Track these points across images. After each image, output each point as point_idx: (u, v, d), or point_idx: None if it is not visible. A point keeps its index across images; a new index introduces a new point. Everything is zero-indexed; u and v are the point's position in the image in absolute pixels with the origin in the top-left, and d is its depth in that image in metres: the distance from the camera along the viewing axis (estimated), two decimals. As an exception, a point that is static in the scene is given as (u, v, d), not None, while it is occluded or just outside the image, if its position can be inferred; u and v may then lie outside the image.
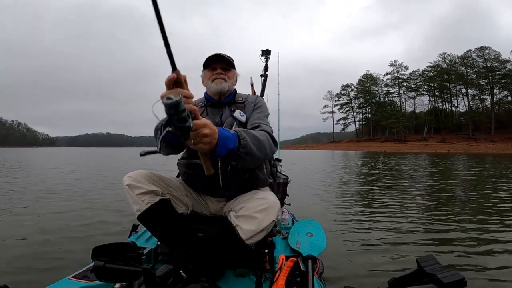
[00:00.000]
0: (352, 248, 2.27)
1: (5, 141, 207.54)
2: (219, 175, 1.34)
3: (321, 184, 6.10)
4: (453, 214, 3.36)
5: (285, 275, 1.10)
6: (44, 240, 2.47)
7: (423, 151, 42.85)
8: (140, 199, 1.17)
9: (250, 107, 1.45)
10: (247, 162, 1.04)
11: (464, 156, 25.31)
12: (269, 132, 1.21)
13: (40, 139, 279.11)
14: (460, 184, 6.06)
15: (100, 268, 0.84)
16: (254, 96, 1.54)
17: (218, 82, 1.40)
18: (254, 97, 1.53)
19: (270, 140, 1.16)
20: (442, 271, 0.59)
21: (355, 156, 23.57)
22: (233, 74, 1.48)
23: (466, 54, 66.95)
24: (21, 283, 1.71)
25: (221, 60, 1.42)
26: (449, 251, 2.19)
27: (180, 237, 1.20)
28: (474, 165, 12.34)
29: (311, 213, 3.41)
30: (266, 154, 1.13)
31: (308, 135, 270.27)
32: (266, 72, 2.74)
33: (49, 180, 6.69)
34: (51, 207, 3.77)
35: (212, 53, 1.45)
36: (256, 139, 1.06)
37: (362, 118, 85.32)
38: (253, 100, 1.49)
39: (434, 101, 72.55)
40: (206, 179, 1.31)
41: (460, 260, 2.03)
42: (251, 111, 1.43)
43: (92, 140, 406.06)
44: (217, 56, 1.42)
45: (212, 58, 1.42)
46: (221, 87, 1.40)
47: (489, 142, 54.27)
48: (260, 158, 1.10)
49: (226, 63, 1.44)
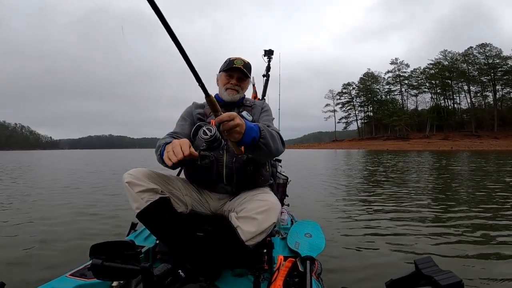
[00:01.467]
0: (350, 249, 2.26)
1: (8, 143, 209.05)
2: (224, 168, 1.35)
3: (321, 184, 6.10)
4: (453, 215, 3.34)
5: (283, 275, 1.10)
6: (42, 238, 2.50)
7: (426, 149, 42.75)
8: (139, 197, 1.17)
9: (258, 110, 1.54)
10: (263, 153, 1.13)
11: (467, 153, 25.19)
12: (279, 132, 1.31)
13: (43, 141, 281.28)
14: (462, 184, 6.02)
15: (98, 266, 0.83)
16: (261, 101, 1.64)
17: (230, 93, 1.48)
18: (261, 102, 1.63)
19: (280, 138, 1.27)
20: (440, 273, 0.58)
21: (357, 155, 23.53)
22: (247, 83, 1.55)
23: (467, 51, 66.79)
24: (18, 280, 1.71)
25: (240, 70, 1.48)
26: (447, 253, 2.18)
27: (179, 236, 1.20)
28: (477, 162, 12.28)
29: (311, 214, 3.41)
30: (277, 150, 1.21)
31: (310, 135, 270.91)
32: (269, 72, 2.74)
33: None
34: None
35: (234, 57, 1.50)
36: (271, 134, 1.16)
37: (364, 116, 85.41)
38: (260, 104, 1.58)
39: (436, 99, 72.43)
40: (209, 174, 1.35)
41: (458, 262, 2.02)
42: (259, 114, 1.53)
43: (95, 142, 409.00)
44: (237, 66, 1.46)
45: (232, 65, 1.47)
46: (232, 98, 1.49)
47: (492, 139, 54.03)
48: (273, 152, 1.18)
49: (244, 74, 1.49)
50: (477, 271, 1.86)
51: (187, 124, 1.48)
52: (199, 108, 1.53)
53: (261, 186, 1.45)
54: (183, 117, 1.53)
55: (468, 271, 1.86)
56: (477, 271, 1.86)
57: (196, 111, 1.51)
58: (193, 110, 1.53)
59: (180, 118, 1.53)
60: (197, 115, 1.49)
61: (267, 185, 1.51)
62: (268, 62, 2.77)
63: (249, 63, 1.53)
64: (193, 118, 1.50)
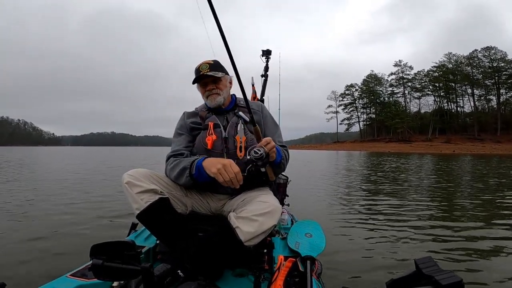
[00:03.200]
0: (350, 249, 2.26)
1: (11, 139, 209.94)
2: None
3: (322, 184, 6.08)
4: (453, 215, 3.33)
5: (283, 275, 1.09)
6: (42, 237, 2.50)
7: (427, 152, 42.59)
8: (139, 198, 1.16)
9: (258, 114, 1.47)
10: (279, 169, 1.37)
11: (469, 157, 25.08)
12: (287, 150, 1.46)
13: (46, 138, 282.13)
14: (462, 186, 6.00)
15: (98, 266, 0.82)
16: (257, 103, 1.55)
17: (212, 98, 1.42)
18: (258, 104, 1.54)
19: (288, 156, 1.45)
20: (440, 273, 0.58)
21: (359, 157, 23.47)
22: (225, 82, 1.45)
23: (472, 54, 66.48)
24: (19, 280, 1.72)
25: (208, 75, 1.39)
26: (448, 253, 2.17)
27: (179, 236, 1.19)
28: (479, 166, 12.21)
29: (311, 214, 3.40)
30: (285, 167, 1.42)
31: (312, 135, 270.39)
32: (267, 72, 2.73)
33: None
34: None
35: (199, 63, 1.42)
36: (286, 156, 1.39)
37: (366, 118, 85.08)
38: (257, 107, 1.51)
39: (440, 101, 72.11)
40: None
41: (458, 262, 2.01)
42: (261, 119, 1.47)
43: (97, 139, 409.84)
44: (203, 74, 1.38)
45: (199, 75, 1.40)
46: (216, 102, 1.42)
47: (495, 143, 53.74)
48: (283, 169, 1.41)
49: (214, 77, 1.41)
50: (478, 271, 1.86)
51: (183, 138, 1.45)
52: (192, 117, 1.49)
53: (261, 186, 1.44)
54: (178, 133, 1.48)
55: (469, 271, 1.86)
56: (478, 271, 1.86)
57: (189, 121, 1.47)
58: (185, 121, 1.49)
59: (175, 134, 1.49)
60: (190, 125, 1.46)
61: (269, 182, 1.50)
62: (266, 62, 2.75)
63: (215, 61, 1.44)
64: (187, 129, 1.47)
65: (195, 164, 1.23)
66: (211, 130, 1.39)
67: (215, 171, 1.13)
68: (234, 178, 1.12)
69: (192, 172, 1.22)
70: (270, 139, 1.19)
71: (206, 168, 1.18)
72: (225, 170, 1.12)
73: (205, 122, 1.43)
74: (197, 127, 1.45)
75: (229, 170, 1.12)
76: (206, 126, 1.41)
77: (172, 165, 1.32)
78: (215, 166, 1.14)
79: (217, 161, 1.16)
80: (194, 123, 1.46)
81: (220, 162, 1.15)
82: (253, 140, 1.36)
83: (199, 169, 1.21)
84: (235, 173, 1.12)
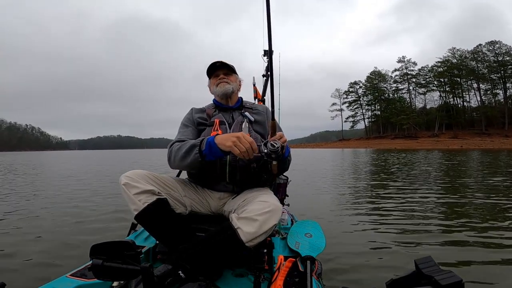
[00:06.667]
0: (350, 249, 2.24)
1: (19, 144, 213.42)
2: (227, 167, 1.36)
3: (322, 184, 6.05)
4: (453, 215, 3.27)
5: (283, 275, 1.09)
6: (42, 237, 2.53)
7: (434, 148, 42.22)
8: (136, 199, 1.16)
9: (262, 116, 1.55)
10: (284, 166, 1.37)
11: (478, 152, 24.79)
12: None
13: (53, 142, 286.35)
14: (464, 183, 5.89)
15: (99, 266, 0.84)
16: (262, 106, 1.65)
17: (221, 85, 1.52)
18: (263, 106, 1.64)
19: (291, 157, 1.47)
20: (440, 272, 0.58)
21: (364, 154, 23.33)
22: (235, 78, 1.59)
23: (477, 48, 65.81)
24: (19, 281, 1.73)
25: (222, 67, 1.54)
26: (448, 252, 2.15)
27: (178, 237, 1.19)
28: (488, 162, 12.07)
29: (311, 214, 3.38)
30: (288, 166, 1.43)
31: (317, 133, 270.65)
32: (268, 72, 2.72)
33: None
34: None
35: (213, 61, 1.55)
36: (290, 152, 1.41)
37: (371, 115, 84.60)
38: (263, 109, 1.59)
39: (445, 97, 71.39)
40: (212, 172, 1.37)
41: (458, 262, 1.99)
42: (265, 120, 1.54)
43: (103, 142, 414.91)
44: (218, 64, 1.54)
45: (214, 66, 1.54)
46: (225, 89, 1.51)
47: (503, 137, 53.07)
48: (287, 166, 1.41)
49: (227, 69, 1.55)
50: (478, 271, 1.84)
51: (189, 130, 1.48)
52: (199, 113, 1.54)
53: (262, 185, 1.45)
54: (184, 124, 1.53)
55: (469, 271, 1.84)
56: (478, 271, 1.84)
57: (197, 116, 1.52)
58: (193, 115, 1.54)
59: (181, 126, 1.53)
60: (197, 119, 1.51)
61: (270, 181, 1.52)
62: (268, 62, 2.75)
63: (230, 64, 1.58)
64: (194, 124, 1.51)
65: (206, 140, 1.22)
66: (216, 126, 1.44)
67: (230, 144, 1.14)
68: (249, 148, 1.13)
69: (202, 149, 1.21)
70: (282, 133, 1.23)
71: (219, 144, 1.17)
72: (240, 142, 1.13)
73: (211, 119, 1.48)
74: (204, 123, 1.50)
75: (243, 141, 1.13)
76: (212, 123, 1.46)
77: (179, 146, 1.31)
78: (229, 139, 1.15)
79: (230, 135, 1.17)
80: (201, 118, 1.51)
81: (233, 135, 1.16)
82: (257, 139, 1.41)
83: (210, 145, 1.20)
84: (250, 143, 1.14)
